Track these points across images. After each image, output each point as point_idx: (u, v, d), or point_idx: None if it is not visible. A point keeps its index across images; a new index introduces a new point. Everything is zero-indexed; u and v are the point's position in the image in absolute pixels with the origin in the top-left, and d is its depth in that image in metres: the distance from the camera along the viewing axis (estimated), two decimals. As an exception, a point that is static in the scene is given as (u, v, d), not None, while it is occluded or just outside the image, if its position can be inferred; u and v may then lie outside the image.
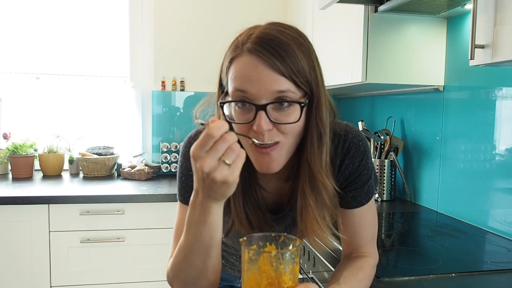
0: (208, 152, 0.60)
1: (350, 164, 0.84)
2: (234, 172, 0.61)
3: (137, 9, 2.67)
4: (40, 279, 1.98)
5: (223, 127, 0.60)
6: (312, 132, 0.73)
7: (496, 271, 1.07)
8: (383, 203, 1.87)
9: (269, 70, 0.66)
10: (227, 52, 0.74)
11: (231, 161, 0.60)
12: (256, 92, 0.67)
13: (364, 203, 0.87)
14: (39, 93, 2.64)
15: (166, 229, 2.06)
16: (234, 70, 0.69)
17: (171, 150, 2.63)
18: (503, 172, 1.38)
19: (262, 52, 0.66)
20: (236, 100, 0.69)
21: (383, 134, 1.93)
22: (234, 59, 0.70)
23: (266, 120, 0.67)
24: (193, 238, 0.69)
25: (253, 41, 0.68)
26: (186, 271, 0.74)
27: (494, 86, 1.42)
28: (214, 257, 0.72)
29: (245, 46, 0.69)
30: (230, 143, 0.60)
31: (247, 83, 0.67)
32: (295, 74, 0.67)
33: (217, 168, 0.60)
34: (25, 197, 1.93)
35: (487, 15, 0.99)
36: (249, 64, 0.67)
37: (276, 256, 0.63)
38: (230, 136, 0.61)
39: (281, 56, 0.66)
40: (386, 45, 1.61)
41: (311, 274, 1.32)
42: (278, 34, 0.68)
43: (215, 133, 0.60)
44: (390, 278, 1.00)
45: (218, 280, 0.77)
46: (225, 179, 0.61)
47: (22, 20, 2.58)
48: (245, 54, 0.68)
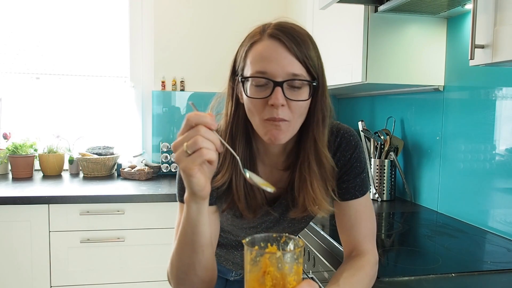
0: (181, 138, 0.64)
1: (342, 157, 0.91)
2: (191, 164, 0.62)
3: (137, 9, 2.67)
4: (40, 279, 1.98)
5: (201, 118, 0.63)
6: (318, 113, 0.83)
7: (496, 271, 1.07)
8: (383, 203, 1.87)
9: (288, 53, 0.75)
10: (244, 42, 0.82)
11: (190, 151, 0.62)
12: (275, 71, 0.75)
13: (358, 196, 0.92)
14: (39, 93, 2.64)
15: (166, 229, 2.06)
16: (255, 53, 0.78)
17: (171, 150, 2.62)
18: (503, 172, 1.38)
19: (283, 37, 0.75)
20: (256, 76, 0.77)
21: (383, 134, 1.93)
22: (254, 44, 0.79)
23: (282, 96, 0.76)
24: (181, 234, 0.75)
25: (274, 27, 0.78)
26: (177, 266, 0.78)
27: (494, 86, 1.42)
28: (200, 253, 0.75)
29: (266, 32, 0.78)
30: (199, 133, 0.62)
31: (267, 63, 0.75)
32: (307, 60, 0.77)
33: (181, 155, 0.63)
34: (25, 197, 1.93)
35: (487, 15, 0.99)
36: (271, 47, 0.76)
37: (281, 257, 0.63)
38: (203, 129, 0.62)
39: (298, 43, 0.76)
40: (386, 45, 1.61)
41: (311, 274, 1.32)
42: (295, 26, 0.79)
43: (191, 119, 0.63)
44: (390, 278, 1.00)
45: (210, 278, 0.80)
46: (183, 168, 0.63)
47: (22, 20, 2.58)
48: (266, 38, 0.77)
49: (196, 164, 0.62)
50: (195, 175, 0.63)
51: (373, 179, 1.90)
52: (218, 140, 0.64)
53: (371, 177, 1.90)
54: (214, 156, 0.63)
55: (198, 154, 0.62)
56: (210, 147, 0.62)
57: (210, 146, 0.62)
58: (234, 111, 0.85)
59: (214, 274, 0.81)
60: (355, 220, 0.92)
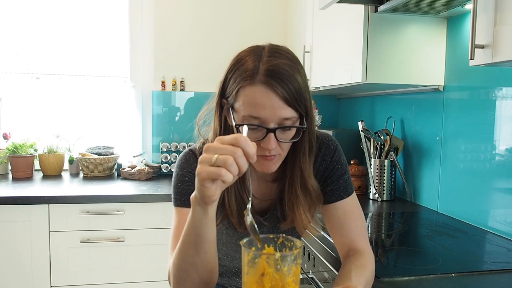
0: (217, 147, 0.64)
1: (323, 161, 0.97)
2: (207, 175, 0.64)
3: (137, 9, 2.67)
4: (40, 279, 1.98)
5: (246, 146, 0.64)
6: (305, 144, 0.89)
7: (496, 271, 1.07)
8: (383, 203, 1.87)
9: (280, 100, 0.78)
10: (234, 71, 0.83)
11: (215, 164, 0.63)
12: (267, 118, 0.78)
13: (344, 197, 0.97)
14: (39, 93, 2.64)
15: (166, 229, 2.06)
16: (248, 97, 0.79)
17: (171, 150, 2.63)
18: (503, 172, 1.38)
19: (275, 86, 0.77)
20: (250, 124, 0.79)
21: (383, 134, 1.93)
22: (246, 86, 0.79)
23: (274, 141, 0.80)
24: (185, 234, 0.76)
25: (266, 73, 0.78)
26: (179, 265, 0.79)
27: (494, 86, 1.42)
28: (203, 254, 0.76)
29: (258, 77, 0.78)
30: (235, 155, 0.63)
31: (260, 110, 0.78)
32: (298, 103, 0.80)
33: (206, 160, 0.64)
34: (25, 197, 1.93)
35: (487, 15, 0.99)
36: (263, 94, 0.78)
37: (279, 258, 0.63)
38: (241, 154, 0.63)
39: (290, 89, 0.78)
40: (386, 45, 1.61)
41: (311, 274, 1.32)
42: (286, 68, 0.79)
43: (239, 140, 0.64)
44: (390, 278, 1.00)
45: (211, 278, 0.81)
46: (199, 174, 0.65)
47: (22, 20, 2.58)
48: (258, 84, 0.78)
49: (211, 178, 0.64)
50: (206, 185, 0.65)
51: (373, 179, 1.90)
52: (244, 169, 0.65)
53: (371, 177, 1.90)
54: (230, 180, 0.64)
55: (218, 171, 0.63)
56: (233, 172, 0.63)
57: (234, 171, 0.63)
58: (222, 129, 0.89)
59: (215, 275, 0.82)
60: (344, 220, 0.96)
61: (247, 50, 0.84)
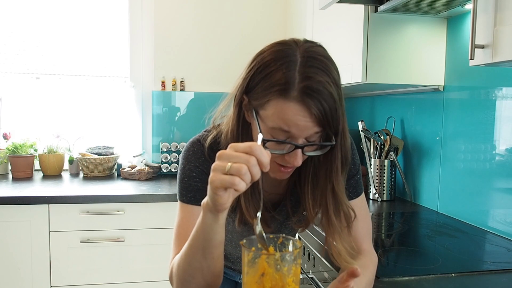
0: (231, 155, 0.63)
1: None
2: (220, 183, 0.62)
3: (137, 9, 2.67)
4: (40, 279, 1.98)
5: (261, 155, 0.62)
6: (336, 161, 0.82)
7: (496, 271, 1.07)
8: (383, 203, 1.87)
9: (314, 120, 0.73)
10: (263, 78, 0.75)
11: (228, 172, 0.62)
12: (298, 135, 0.74)
13: (353, 197, 0.95)
14: (39, 93, 2.64)
15: (166, 229, 2.06)
16: (280, 112, 0.73)
17: (171, 150, 2.63)
18: (503, 172, 1.38)
19: (311, 105, 0.72)
20: (278, 141, 0.75)
21: (383, 134, 1.93)
22: (278, 100, 0.73)
23: (301, 157, 0.76)
24: (193, 238, 0.75)
25: (302, 91, 0.72)
26: (184, 268, 0.78)
27: (494, 86, 1.42)
28: (210, 259, 0.75)
29: (293, 93, 0.72)
30: (249, 164, 0.62)
31: (292, 126, 0.73)
32: (330, 122, 0.74)
33: (220, 168, 0.63)
34: (25, 197, 1.93)
35: (487, 15, 0.99)
36: (298, 113, 0.72)
37: (279, 258, 0.63)
38: (255, 162, 0.62)
39: (325, 108, 0.73)
40: (386, 45, 1.61)
41: (311, 274, 1.32)
42: (324, 84, 0.73)
43: (253, 149, 0.62)
44: (390, 278, 1.00)
45: (216, 283, 0.80)
46: (212, 182, 0.63)
47: (22, 20, 2.58)
48: (293, 102, 0.72)
49: (224, 186, 0.63)
50: (219, 193, 0.64)
51: (373, 179, 1.90)
52: (257, 178, 0.63)
53: (371, 177, 1.90)
54: (242, 189, 0.63)
55: (232, 179, 0.62)
56: (246, 181, 0.62)
57: (247, 180, 0.62)
58: (240, 128, 0.84)
59: (220, 278, 0.82)
60: None
61: (276, 51, 0.76)
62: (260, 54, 0.78)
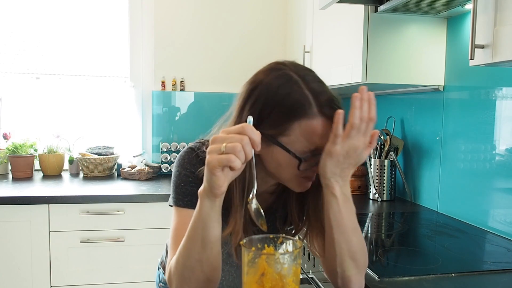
0: (225, 137, 0.67)
1: None
2: (217, 162, 0.65)
3: (137, 9, 2.67)
4: (40, 279, 1.98)
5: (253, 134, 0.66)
6: None
7: (496, 271, 1.07)
8: (383, 203, 1.87)
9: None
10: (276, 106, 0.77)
11: (224, 151, 0.65)
12: (323, 145, 0.77)
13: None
14: (39, 93, 2.64)
15: (166, 229, 2.06)
16: (307, 131, 0.77)
17: (171, 150, 2.63)
18: (503, 172, 1.38)
19: (332, 114, 0.76)
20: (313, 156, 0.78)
21: (383, 134, 1.93)
22: (302, 120, 0.76)
23: None
24: (191, 229, 0.76)
25: (323, 104, 0.77)
26: (183, 263, 0.78)
27: (494, 86, 1.42)
28: (209, 250, 0.76)
29: (314, 109, 0.76)
30: (242, 142, 0.65)
31: (319, 140, 0.77)
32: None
33: (215, 149, 0.66)
34: (25, 197, 1.93)
35: (487, 15, 0.99)
36: (324, 125, 0.77)
37: (279, 258, 0.63)
38: (247, 141, 0.65)
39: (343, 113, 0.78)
40: (386, 45, 1.61)
41: (311, 274, 1.32)
42: (330, 92, 0.81)
43: (245, 129, 0.66)
44: (390, 278, 1.00)
45: (215, 277, 0.80)
46: (209, 163, 0.66)
47: (22, 20, 2.58)
48: (318, 117, 0.77)
49: (221, 165, 0.66)
50: (216, 174, 0.67)
51: (373, 179, 1.90)
52: (250, 156, 0.67)
53: (371, 177, 1.90)
54: (238, 166, 0.66)
55: (228, 157, 0.65)
56: (241, 158, 0.66)
57: (241, 157, 0.66)
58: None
59: (219, 273, 0.82)
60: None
61: (277, 76, 0.79)
62: (260, 84, 0.79)
